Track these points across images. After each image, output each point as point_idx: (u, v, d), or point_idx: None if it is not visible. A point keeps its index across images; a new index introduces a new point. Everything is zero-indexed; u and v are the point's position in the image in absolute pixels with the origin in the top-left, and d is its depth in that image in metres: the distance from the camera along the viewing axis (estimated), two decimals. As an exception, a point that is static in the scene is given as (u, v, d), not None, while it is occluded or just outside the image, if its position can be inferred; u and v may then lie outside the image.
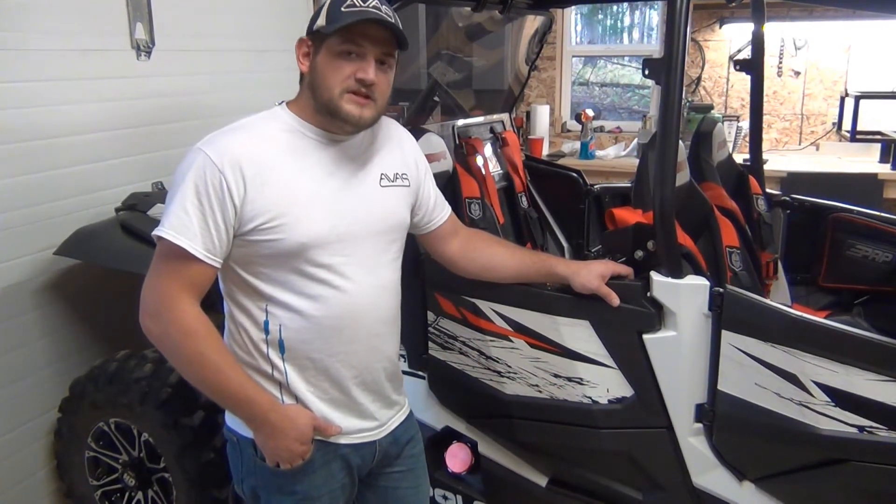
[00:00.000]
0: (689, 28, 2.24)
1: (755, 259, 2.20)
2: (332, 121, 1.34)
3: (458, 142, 2.43)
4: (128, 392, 2.16)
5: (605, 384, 1.71)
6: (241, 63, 3.01)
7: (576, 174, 2.70)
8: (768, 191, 2.49)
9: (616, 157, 4.52)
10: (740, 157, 2.69)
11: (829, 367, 1.48)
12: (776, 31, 4.26)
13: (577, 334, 1.70)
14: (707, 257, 1.85)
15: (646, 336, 1.63)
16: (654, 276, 1.62)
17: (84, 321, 2.51)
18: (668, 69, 1.52)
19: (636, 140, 4.53)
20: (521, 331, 1.77)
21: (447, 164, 2.22)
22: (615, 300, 1.62)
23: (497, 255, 1.68)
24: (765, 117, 3.14)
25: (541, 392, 1.79)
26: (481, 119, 2.68)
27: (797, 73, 4.40)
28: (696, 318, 1.60)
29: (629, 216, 1.83)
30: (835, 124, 4.35)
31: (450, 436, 2.03)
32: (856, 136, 3.94)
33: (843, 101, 4.14)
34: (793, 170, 3.95)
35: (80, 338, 2.50)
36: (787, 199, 2.49)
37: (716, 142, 2.37)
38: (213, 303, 1.39)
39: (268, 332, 1.36)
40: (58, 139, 2.32)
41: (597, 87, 5.92)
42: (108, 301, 2.55)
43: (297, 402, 1.39)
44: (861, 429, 1.48)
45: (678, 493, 1.73)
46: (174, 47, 2.69)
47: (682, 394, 1.66)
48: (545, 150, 4.69)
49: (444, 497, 2.07)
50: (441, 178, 2.06)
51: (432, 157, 2.07)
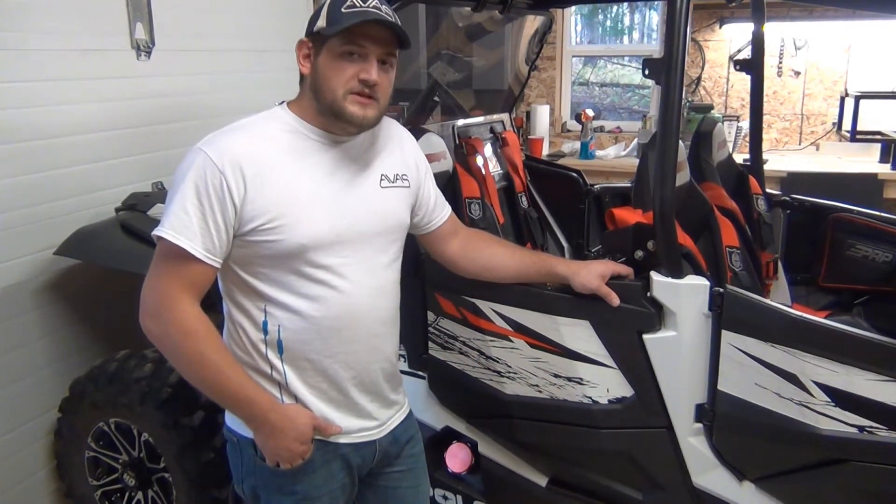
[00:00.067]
0: (689, 28, 2.24)
1: (755, 259, 2.20)
2: (336, 122, 1.34)
3: (458, 142, 2.43)
4: (128, 392, 2.16)
5: (605, 384, 1.71)
6: (241, 63, 3.01)
7: (576, 174, 2.70)
8: (768, 191, 2.49)
9: (616, 157, 4.52)
10: (740, 157, 2.69)
11: (830, 367, 1.48)
12: (776, 31, 4.26)
13: (578, 334, 1.70)
14: (707, 257, 1.85)
15: (646, 336, 1.63)
16: (654, 276, 1.62)
17: (84, 321, 2.51)
18: (668, 69, 1.52)
19: (636, 140, 4.53)
20: (521, 331, 1.77)
21: (447, 164, 2.22)
22: (615, 300, 1.62)
23: (497, 255, 1.68)
24: (765, 117, 3.14)
25: (541, 392, 1.79)
26: (481, 119, 2.68)
27: (797, 73, 4.40)
28: (697, 318, 1.60)
29: (629, 216, 1.83)
30: (835, 124, 4.35)
31: (450, 436, 2.03)
32: (856, 136, 3.94)
33: (843, 101, 4.14)
34: (793, 170, 3.95)
35: (80, 338, 2.50)
36: (787, 199, 2.49)
37: (716, 142, 2.37)
38: (213, 303, 1.39)
39: (266, 332, 1.36)
40: (58, 139, 2.32)
41: (597, 87, 5.92)
42: (108, 301, 2.55)
43: (297, 401, 1.39)
44: (861, 429, 1.48)
45: (678, 493, 1.73)
46: (174, 47, 2.68)
47: (682, 394, 1.66)
48: (545, 150, 4.69)
49: (444, 497, 2.07)
50: (441, 178, 2.06)
51: (432, 157, 2.07)
